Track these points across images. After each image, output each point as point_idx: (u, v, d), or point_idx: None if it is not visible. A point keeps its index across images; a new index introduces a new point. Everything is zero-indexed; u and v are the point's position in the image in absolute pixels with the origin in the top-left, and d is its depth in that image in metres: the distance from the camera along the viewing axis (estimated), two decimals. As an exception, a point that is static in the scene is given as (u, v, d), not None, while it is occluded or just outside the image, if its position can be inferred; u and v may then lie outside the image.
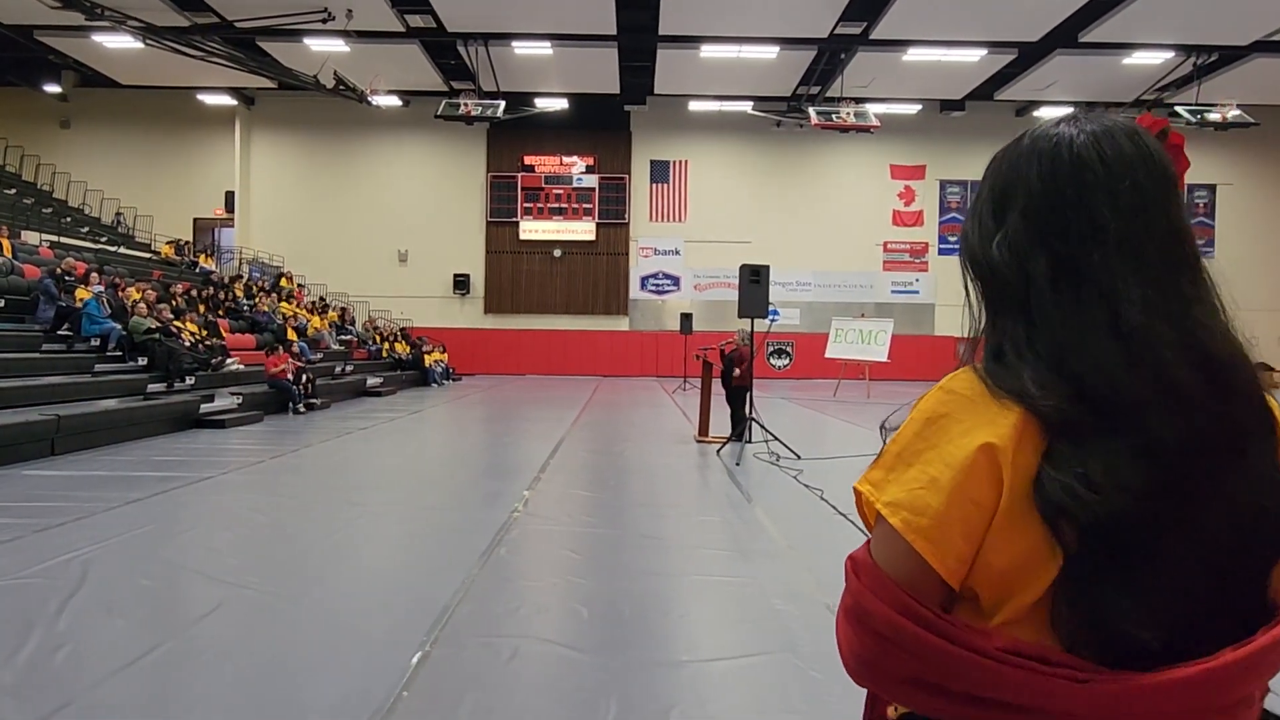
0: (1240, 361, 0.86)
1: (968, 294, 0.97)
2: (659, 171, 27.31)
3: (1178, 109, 20.89)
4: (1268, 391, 0.90)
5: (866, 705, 1.00)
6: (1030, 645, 0.82)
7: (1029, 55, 20.57)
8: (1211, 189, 26.99)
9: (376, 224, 26.75)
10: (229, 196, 26.34)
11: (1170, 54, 19.93)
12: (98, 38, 19.16)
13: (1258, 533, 0.83)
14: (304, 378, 14.23)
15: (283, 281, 22.67)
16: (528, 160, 27.01)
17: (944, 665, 0.83)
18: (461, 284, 27.05)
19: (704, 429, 10.69)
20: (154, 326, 12.37)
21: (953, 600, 0.89)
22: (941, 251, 27.00)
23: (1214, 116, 20.34)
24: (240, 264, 23.97)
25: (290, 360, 14.16)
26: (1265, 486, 0.84)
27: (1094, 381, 0.82)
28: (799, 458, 8.72)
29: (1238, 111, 20.29)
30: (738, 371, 10.34)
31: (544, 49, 20.33)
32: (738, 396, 10.34)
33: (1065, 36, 19.15)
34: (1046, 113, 23.85)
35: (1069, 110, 1.01)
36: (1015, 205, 0.92)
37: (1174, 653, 0.80)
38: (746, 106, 23.80)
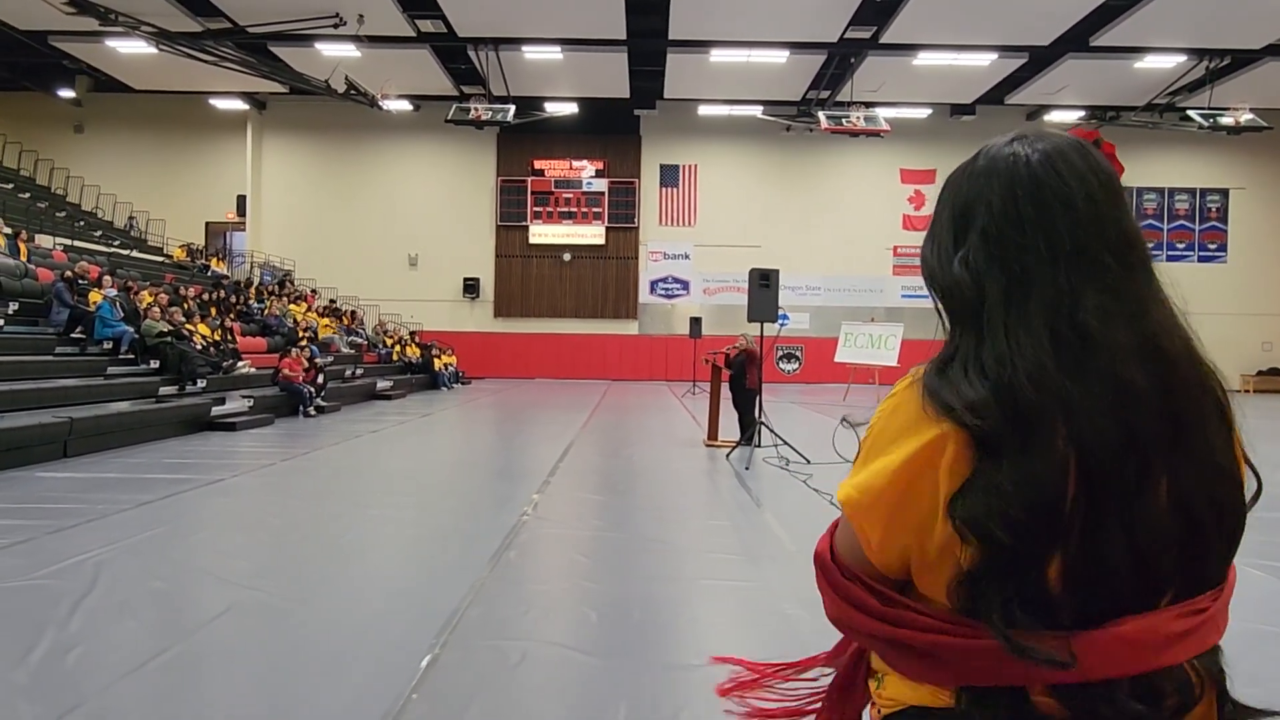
0: (1191, 357, 0.90)
1: (936, 305, 1.01)
2: (668, 175, 27.31)
3: (1190, 113, 20.78)
4: (1220, 379, 0.93)
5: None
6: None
7: (1040, 59, 20.49)
8: (1224, 193, 26.83)
9: (387, 228, 26.84)
10: (240, 200, 26.49)
11: (1182, 58, 19.82)
12: (111, 43, 19.33)
13: (1206, 523, 0.86)
14: (319, 378, 14.30)
15: (288, 284, 22.74)
16: (537, 164, 27.05)
17: (889, 646, 0.94)
18: (471, 288, 27.10)
19: (713, 433, 10.67)
20: (166, 330, 12.44)
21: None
22: (952, 256, 26.90)
23: (1226, 120, 20.22)
24: (252, 268, 24.11)
25: (302, 363, 14.20)
26: (1214, 476, 0.87)
27: (1026, 394, 0.84)
28: (809, 462, 8.70)
29: (1250, 115, 20.14)
30: (747, 379, 10.25)
31: (554, 54, 20.37)
32: (746, 401, 10.31)
33: (1077, 40, 19.09)
34: (1058, 117, 23.77)
35: (1040, 120, 1.03)
36: (975, 225, 0.94)
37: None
38: (756, 111, 23.75)
